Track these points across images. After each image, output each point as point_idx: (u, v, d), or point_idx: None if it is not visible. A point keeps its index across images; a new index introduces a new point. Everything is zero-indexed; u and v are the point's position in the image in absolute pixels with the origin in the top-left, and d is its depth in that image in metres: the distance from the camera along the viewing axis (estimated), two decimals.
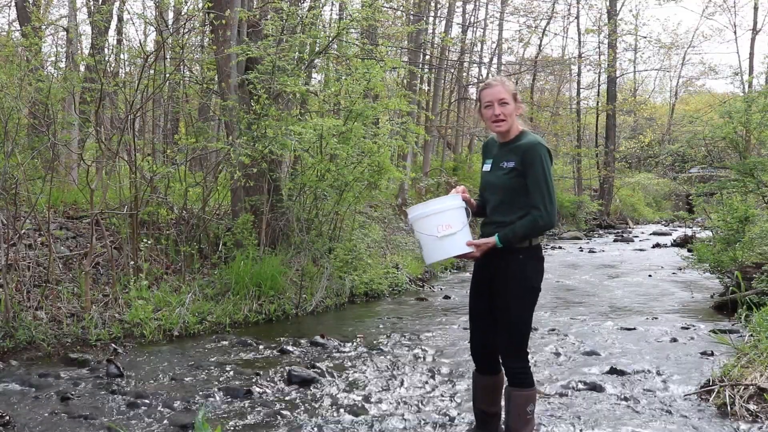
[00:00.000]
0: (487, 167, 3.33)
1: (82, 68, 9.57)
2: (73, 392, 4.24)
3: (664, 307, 7.99)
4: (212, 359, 5.23)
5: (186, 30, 13.00)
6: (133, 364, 5.05)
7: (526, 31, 25.09)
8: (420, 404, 4.15)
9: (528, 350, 3.29)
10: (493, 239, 3.17)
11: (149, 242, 7.19)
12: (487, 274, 3.30)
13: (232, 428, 3.71)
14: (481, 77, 26.00)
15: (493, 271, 3.27)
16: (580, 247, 16.65)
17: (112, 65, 10.21)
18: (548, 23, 26.25)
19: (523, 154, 3.16)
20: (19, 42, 7.44)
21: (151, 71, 7.66)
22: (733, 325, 6.48)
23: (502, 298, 3.23)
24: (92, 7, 10.15)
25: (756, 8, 26.86)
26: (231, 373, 4.81)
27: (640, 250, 16.31)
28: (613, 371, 4.84)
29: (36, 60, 6.78)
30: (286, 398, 4.26)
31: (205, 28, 11.68)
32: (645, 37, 35.21)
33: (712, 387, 4.14)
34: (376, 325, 6.87)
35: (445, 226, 3.15)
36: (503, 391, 3.37)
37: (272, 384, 4.51)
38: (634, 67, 34.89)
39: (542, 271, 3.30)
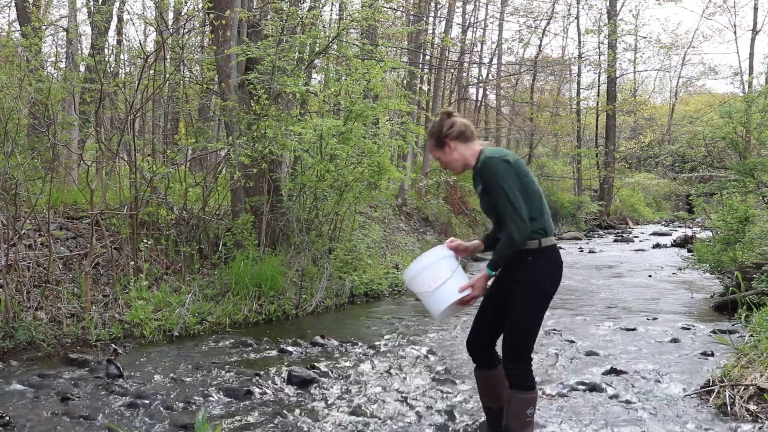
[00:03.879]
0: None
1: (82, 68, 9.57)
2: (73, 392, 4.24)
3: (664, 307, 7.99)
4: (212, 359, 5.23)
5: (186, 30, 13.00)
6: (133, 364, 5.04)
7: (526, 32, 25.11)
8: (420, 404, 4.14)
9: (528, 352, 3.24)
10: (484, 271, 3.20)
11: (149, 242, 7.19)
12: (499, 275, 3.31)
13: (232, 428, 3.71)
14: (481, 77, 26.04)
15: (503, 274, 3.28)
16: (580, 248, 16.66)
17: (112, 65, 10.22)
18: (548, 23, 26.29)
19: (481, 176, 3.19)
20: (19, 42, 7.43)
21: (151, 71, 7.66)
22: (733, 325, 6.48)
23: (509, 300, 3.22)
24: (92, 8, 10.15)
25: (756, 8, 26.90)
26: (231, 373, 4.81)
27: (640, 250, 16.32)
28: (613, 371, 4.84)
29: (36, 60, 6.78)
30: (286, 398, 4.26)
31: (205, 28, 11.69)
32: (645, 38, 35.29)
33: (712, 387, 4.14)
34: (376, 325, 6.87)
35: (435, 279, 3.17)
36: (505, 392, 3.36)
37: (272, 384, 4.51)
38: (634, 67, 34.91)
39: (555, 275, 3.23)
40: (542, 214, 3.18)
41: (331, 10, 16.56)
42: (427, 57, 18.84)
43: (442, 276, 3.17)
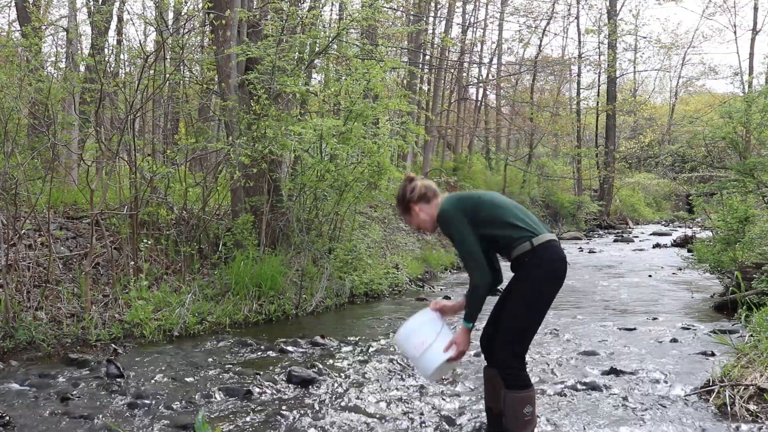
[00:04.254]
0: None
1: (82, 68, 9.57)
2: (73, 392, 4.24)
3: (664, 307, 7.99)
4: (212, 359, 5.23)
5: (186, 30, 13.00)
6: (133, 364, 5.05)
7: (526, 32, 25.10)
8: (420, 404, 4.15)
9: (522, 353, 3.27)
10: (462, 326, 3.25)
11: (149, 242, 7.19)
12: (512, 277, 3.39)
13: (232, 428, 3.71)
14: (481, 77, 26.03)
15: (513, 276, 3.35)
16: (580, 248, 16.66)
17: (112, 65, 10.22)
18: (548, 23, 26.28)
19: (441, 229, 3.33)
20: (19, 42, 7.43)
21: (151, 71, 7.66)
22: (733, 325, 6.48)
23: (510, 300, 3.28)
24: (92, 8, 10.15)
25: (756, 8, 26.90)
26: (231, 373, 4.81)
27: (640, 250, 16.32)
28: (613, 371, 4.84)
29: (36, 60, 6.78)
30: (286, 398, 4.26)
31: (205, 28, 11.68)
32: (645, 37, 35.29)
33: (712, 387, 4.14)
34: (376, 325, 6.87)
35: (421, 343, 3.28)
36: (501, 393, 3.37)
37: (272, 384, 4.51)
38: (634, 67, 34.90)
39: (554, 273, 3.22)
40: (521, 221, 3.23)
41: (331, 10, 16.57)
42: (427, 57, 18.85)
43: (427, 340, 3.28)
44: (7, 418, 3.72)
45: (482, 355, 3.56)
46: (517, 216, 3.25)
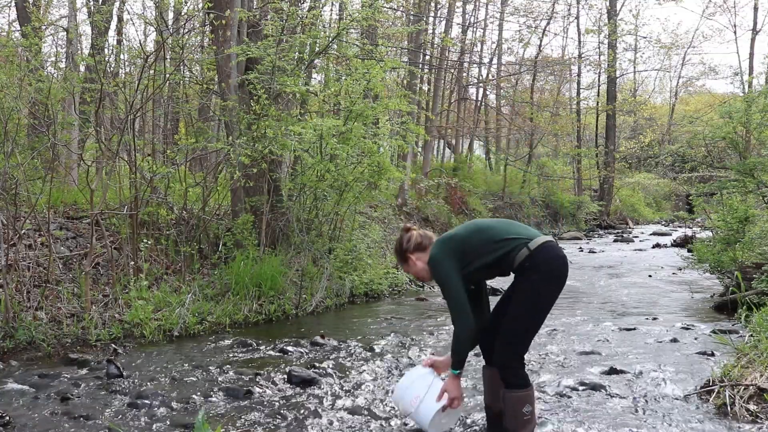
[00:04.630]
0: None
1: (82, 68, 9.57)
2: (73, 392, 4.24)
3: (664, 307, 7.99)
4: (212, 359, 5.23)
5: (186, 30, 13.00)
6: (133, 364, 5.05)
7: (526, 32, 25.09)
8: None
9: (523, 353, 3.29)
10: (451, 374, 3.29)
11: (149, 242, 7.19)
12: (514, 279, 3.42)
13: (232, 428, 3.71)
14: (481, 77, 26.03)
15: (515, 278, 3.37)
16: (580, 248, 16.65)
17: (112, 65, 10.22)
18: (548, 23, 26.26)
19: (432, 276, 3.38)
20: (19, 42, 7.43)
21: (151, 71, 7.66)
22: (733, 325, 6.48)
23: (512, 300, 3.32)
24: (92, 8, 10.15)
25: (756, 8, 26.90)
26: (231, 373, 4.81)
27: (640, 250, 16.31)
28: (613, 371, 4.84)
29: (36, 60, 6.78)
30: (286, 398, 4.26)
31: (205, 28, 11.69)
32: (645, 37, 35.30)
33: (712, 387, 4.14)
34: (376, 325, 6.87)
35: (415, 398, 3.38)
36: (501, 393, 3.38)
37: (272, 384, 4.51)
38: (634, 67, 34.89)
39: (554, 273, 3.24)
40: (513, 233, 3.28)
41: (331, 10, 16.57)
42: (427, 57, 18.85)
43: (420, 394, 3.37)
44: (7, 418, 3.72)
45: (481, 355, 3.57)
46: (507, 230, 3.29)
